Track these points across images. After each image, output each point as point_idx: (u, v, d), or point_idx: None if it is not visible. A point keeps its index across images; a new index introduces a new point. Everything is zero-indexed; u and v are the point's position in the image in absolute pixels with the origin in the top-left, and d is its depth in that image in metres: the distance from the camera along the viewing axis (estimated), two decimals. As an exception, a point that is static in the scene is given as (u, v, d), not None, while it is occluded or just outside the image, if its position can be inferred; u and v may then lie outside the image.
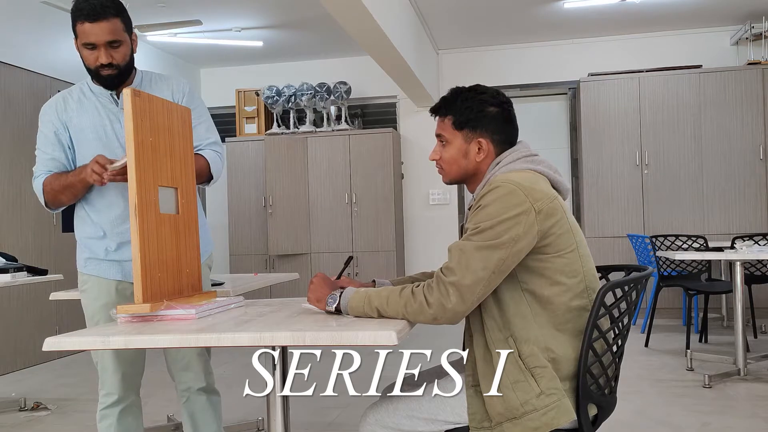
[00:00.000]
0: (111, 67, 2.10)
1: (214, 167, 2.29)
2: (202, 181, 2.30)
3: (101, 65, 2.09)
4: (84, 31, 2.05)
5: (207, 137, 2.31)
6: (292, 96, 7.27)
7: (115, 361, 2.22)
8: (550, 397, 1.56)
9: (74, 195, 2.16)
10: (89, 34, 2.05)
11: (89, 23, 2.03)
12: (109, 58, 2.08)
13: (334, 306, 1.65)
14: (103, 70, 2.10)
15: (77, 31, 2.07)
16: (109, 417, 2.24)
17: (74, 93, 2.22)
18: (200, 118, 2.31)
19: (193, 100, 2.30)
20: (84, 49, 2.09)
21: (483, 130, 1.75)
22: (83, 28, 2.05)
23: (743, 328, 4.10)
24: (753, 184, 6.35)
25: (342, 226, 7.08)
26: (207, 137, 2.31)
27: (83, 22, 2.04)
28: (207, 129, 2.33)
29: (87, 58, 2.11)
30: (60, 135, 2.19)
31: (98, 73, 2.12)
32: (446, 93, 1.82)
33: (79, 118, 2.18)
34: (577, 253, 1.65)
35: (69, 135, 2.19)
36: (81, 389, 4.46)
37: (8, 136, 5.14)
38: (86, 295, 2.25)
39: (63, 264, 5.57)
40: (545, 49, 7.27)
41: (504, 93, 1.82)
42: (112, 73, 2.11)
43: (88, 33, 2.05)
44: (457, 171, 1.80)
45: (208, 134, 2.33)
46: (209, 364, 2.40)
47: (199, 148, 2.28)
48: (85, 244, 2.24)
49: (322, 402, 3.85)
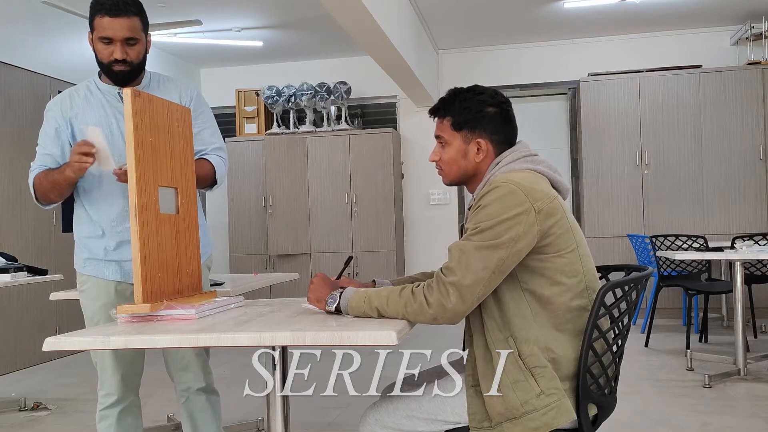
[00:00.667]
0: (124, 63, 2.12)
1: (218, 172, 2.30)
2: (206, 185, 2.31)
3: (115, 60, 2.11)
4: (102, 24, 2.07)
5: (212, 142, 2.32)
6: (292, 96, 7.26)
7: (114, 362, 2.22)
8: (550, 397, 1.56)
9: (60, 193, 2.16)
10: (107, 28, 2.07)
11: (109, 17, 2.06)
12: (124, 54, 2.10)
13: (334, 306, 1.65)
14: (116, 66, 2.12)
15: (95, 24, 2.09)
16: (108, 417, 2.24)
17: (80, 90, 2.23)
18: (206, 122, 2.32)
19: (200, 105, 2.32)
20: (99, 42, 2.11)
21: (482, 131, 1.75)
22: (102, 22, 2.07)
23: (743, 328, 4.10)
24: (753, 184, 6.35)
25: (342, 226, 7.08)
26: (212, 142, 2.32)
27: (103, 15, 2.06)
28: (212, 134, 2.34)
29: (101, 52, 2.13)
30: (60, 132, 2.19)
31: (110, 69, 2.14)
32: (444, 94, 1.82)
33: (85, 115, 2.19)
34: (577, 253, 1.65)
35: (72, 131, 2.19)
36: (81, 389, 4.46)
37: (8, 136, 5.14)
38: (85, 296, 2.25)
39: (63, 264, 5.57)
40: (545, 49, 7.27)
41: (502, 93, 1.82)
42: (125, 69, 2.14)
43: (106, 27, 2.07)
44: (456, 172, 1.79)
45: (213, 139, 2.34)
46: (208, 365, 2.40)
47: (204, 152, 2.29)
48: (83, 243, 2.24)
49: (322, 402, 3.85)
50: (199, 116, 2.30)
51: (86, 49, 6.09)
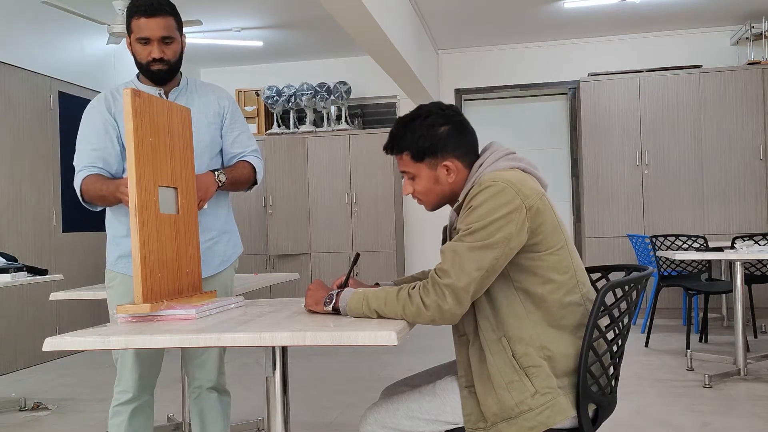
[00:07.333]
0: (162, 62, 2.19)
1: (258, 173, 2.42)
2: (247, 186, 2.42)
3: (153, 59, 2.18)
4: (139, 25, 2.15)
5: (249, 144, 2.43)
6: (292, 96, 7.26)
7: (135, 360, 2.24)
8: (545, 397, 1.56)
9: (106, 204, 2.21)
10: (144, 28, 2.15)
11: (145, 18, 2.14)
12: (161, 53, 2.18)
13: (331, 306, 1.65)
14: (154, 65, 2.19)
15: (132, 26, 2.17)
16: (121, 414, 2.25)
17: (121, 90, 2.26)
18: (242, 127, 2.43)
19: (237, 110, 2.43)
20: (137, 44, 2.19)
21: (444, 152, 1.72)
22: (139, 23, 2.15)
23: (743, 328, 4.10)
24: (753, 184, 6.35)
25: (342, 226, 7.08)
26: (249, 144, 2.43)
27: (139, 17, 2.14)
28: (249, 137, 2.44)
29: (139, 53, 2.20)
30: (108, 126, 2.22)
31: (149, 68, 2.21)
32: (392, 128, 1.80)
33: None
34: (567, 250, 1.65)
35: (119, 128, 2.23)
36: (81, 389, 4.46)
37: (8, 136, 5.14)
38: (113, 291, 2.29)
39: (63, 264, 5.57)
40: (545, 49, 7.27)
41: (443, 103, 1.79)
42: (163, 68, 2.21)
43: (143, 27, 2.15)
44: (435, 198, 1.78)
45: (251, 142, 2.44)
46: (223, 364, 2.43)
47: (243, 155, 2.39)
48: (114, 242, 2.29)
49: (322, 402, 3.85)
50: (237, 120, 2.40)
51: (86, 49, 6.13)
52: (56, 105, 5.62)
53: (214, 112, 2.35)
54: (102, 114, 2.23)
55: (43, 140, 5.47)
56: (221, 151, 2.38)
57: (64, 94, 5.71)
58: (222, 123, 2.37)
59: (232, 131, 2.38)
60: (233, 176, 2.30)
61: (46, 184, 5.47)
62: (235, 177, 2.31)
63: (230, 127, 2.37)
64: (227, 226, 2.41)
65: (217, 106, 2.35)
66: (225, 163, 2.39)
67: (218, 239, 2.35)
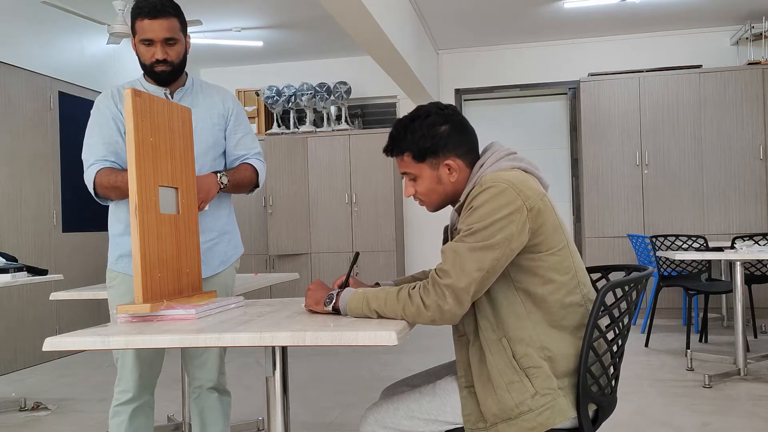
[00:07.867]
0: (165, 63, 2.20)
1: (261, 176, 2.41)
2: (249, 189, 2.41)
3: (156, 61, 2.19)
4: (143, 27, 2.16)
5: (253, 147, 2.43)
6: (292, 96, 7.26)
7: (135, 360, 2.24)
8: (545, 397, 1.56)
9: (121, 196, 2.18)
10: (148, 30, 2.15)
11: (149, 20, 2.14)
12: (164, 54, 2.19)
13: (331, 305, 1.65)
14: (158, 66, 2.20)
15: (136, 28, 2.17)
16: (121, 414, 2.25)
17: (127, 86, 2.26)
18: (247, 129, 2.43)
19: (242, 112, 2.44)
20: (141, 45, 2.19)
21: (445, 152, 1.72)
22: (142, 25, 2.16)
23: (743, 328, 4.10)
24: (753, 184, 6.35)
25: (342, 226, 7.08)
26: (253, 147, 2.43)
27: (143, 18, 2.15)
28: (252, 139, 2.45)
29: (143, 55, 2.21)
30: (118, 121, 2.23)
31: (152, 69, 2.21)
32: (391, 129, 1.79)
33: None
34: (567, 250, 1.65)
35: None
36: (81, 389, 4.46)
37: (8, 136, 5.14)
38: (114, 291, 2.29)
39: (63, 264, 5.58)
40: (545, 49, 7.27)
41: (442, 102, 1.80)
42: (166, 69, 2.21)
43: (146, 29, 2.16)
44: (437, 199, 1.78)
45: (254, 144, 2.44)
46: (224, 364, 2.43)
47: (246, 157, 2.39)
48: (116, 241, 2.29)
49: (322, 402, 3.85)
50: (241, 122, 2.41)
51: (86, 49, 6.12)
52: (56, 105, 5.62)
53: (219, 114, 2.35)
54: (110, 109, 2.23)
55: (43, 140, 5.47)
56: (224, 152, 2.38)
57: (64, 94, 5.71)
58: (226, 124, 2.37)
59: (235, 133, 2.38)
60: (235, 179, 2.30)
61: (46, 184, 5.47)
62: (237, 179, 2.31)
63: (234, 128, 2.38)
64: (228, 227, 2.41)
65: (221, 107, 2.36)
66: (228, 164, 2.39)
67: (219, 240, 2.36)
